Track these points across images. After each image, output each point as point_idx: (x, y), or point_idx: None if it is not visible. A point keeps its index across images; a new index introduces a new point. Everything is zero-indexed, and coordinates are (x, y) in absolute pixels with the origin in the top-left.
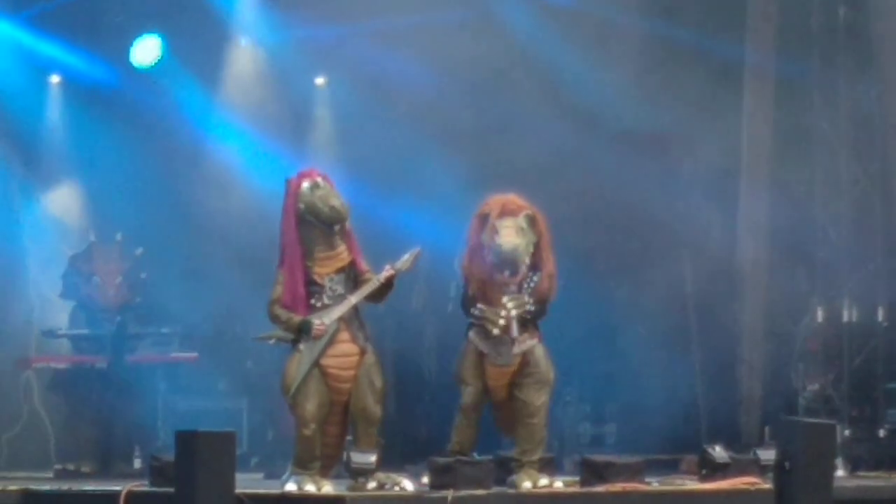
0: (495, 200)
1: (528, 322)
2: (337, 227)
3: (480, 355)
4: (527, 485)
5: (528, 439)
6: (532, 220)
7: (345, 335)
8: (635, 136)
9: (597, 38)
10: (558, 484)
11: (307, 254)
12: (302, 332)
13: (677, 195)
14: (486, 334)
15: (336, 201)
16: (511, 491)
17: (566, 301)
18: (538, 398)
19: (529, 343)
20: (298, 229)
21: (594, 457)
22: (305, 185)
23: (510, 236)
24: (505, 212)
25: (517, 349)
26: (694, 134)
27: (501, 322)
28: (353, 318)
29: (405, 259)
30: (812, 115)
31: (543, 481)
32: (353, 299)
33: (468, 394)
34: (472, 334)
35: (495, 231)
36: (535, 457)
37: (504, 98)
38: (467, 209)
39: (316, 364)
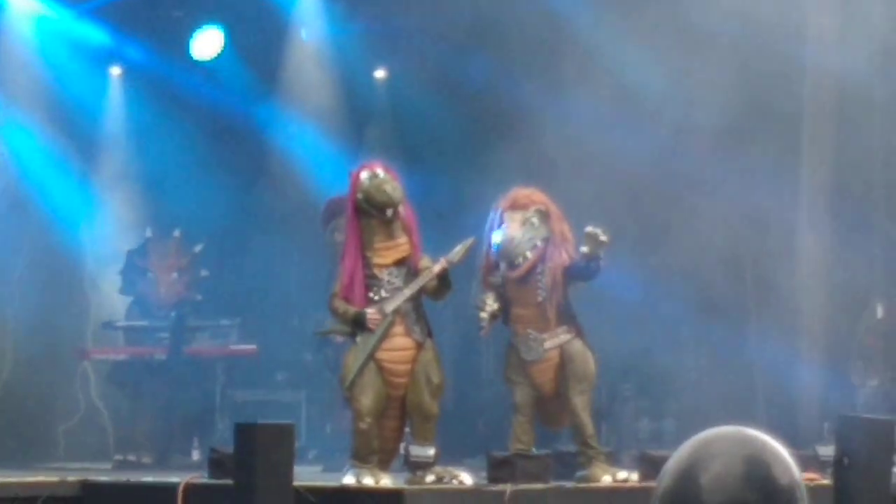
0: (509, 194)
1: (564, 316)
2: (390, 212)
3: (521, 356)
4: (606, 479)
5: (580, 432)
6: (543, 215)
7: (399, 329)
8: (696, 131)
9: (656, 32)
10: (634, 477)
11: (366, 244)
12: (357, 323)
13: (739, 191)
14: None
15: (389, 187)
16: (568, 485)
17: (625, 298)
18: (575, 394)
19: (563, 338)
20: (358, 219)
21: (653, 452)
22: (364, 174)
23: (511, 230)
24: (515, 205)
25: (549, 344)
26: (755, 129)
27: (484, 315)
28: (410, 312)
29: (457, 250)
30: (873, 114)
31: (622, 474)
32: (408, 291)
33: (519, 392)
34: (510, 335)
35: (502, 223)
36: (596, 444)
37: (565, 89)
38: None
39: (371, 357)
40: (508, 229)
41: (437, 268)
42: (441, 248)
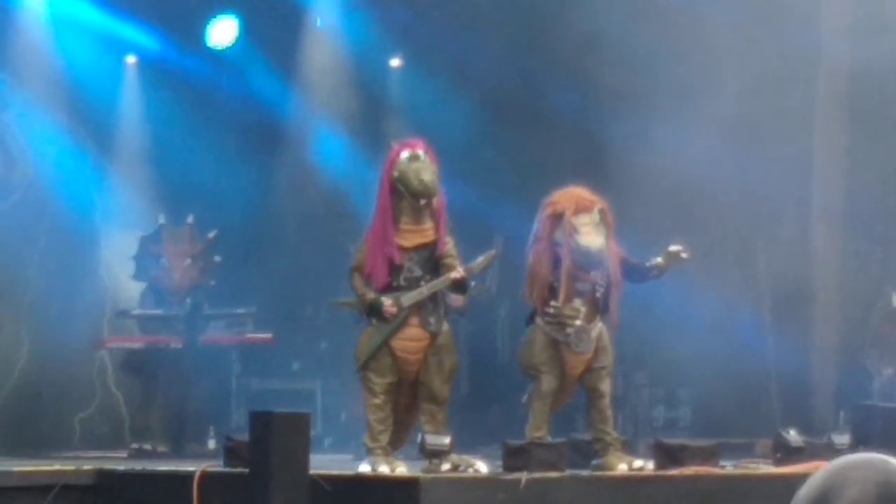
0: (566, 196)
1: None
2: (423, 202)
3: (554, 343)
4: (622, 467)
5: (602, 420)
6: (603, 213)
7: (414, 320)
8: (710, 119)
9: (671, 20)
10: (649, 465)
11: (394, 222)
12: (373, 311)
13: (752, 179)
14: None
15: (428, 176)
16: (584, 473)
17: (639, 285)
18: (605, 381)
19: (599, 326)
20: (391, 196)
21: (668, 440)
22: (404, 154)
23: (591, 234)
24: (580, 208)
25: (594, 334)
26: (767, 118)
27: (578, 322)
28: (427, 303)
29: (479, 262)
30: (886, 99)
31: (638, 463)
32: (426, 291)
33: (547, 381)
34: (542, 324)
35: (574, 229)
36: (615, 433)
37: (584, 80)
38: (542, 195)
39: (385, 343)
40: (589, 236)
41: (454, 275)
42: (456, 242)
